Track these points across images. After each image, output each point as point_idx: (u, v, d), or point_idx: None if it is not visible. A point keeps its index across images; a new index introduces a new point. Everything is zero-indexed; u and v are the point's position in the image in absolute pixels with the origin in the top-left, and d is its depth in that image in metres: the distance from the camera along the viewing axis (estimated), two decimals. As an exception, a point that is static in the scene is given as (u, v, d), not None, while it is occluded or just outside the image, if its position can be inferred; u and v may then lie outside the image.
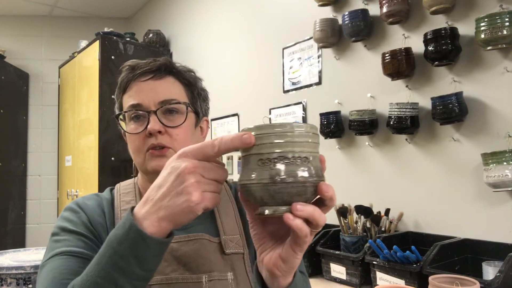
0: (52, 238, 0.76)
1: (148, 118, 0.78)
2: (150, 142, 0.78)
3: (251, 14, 2.64)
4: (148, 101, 0.79)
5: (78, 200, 0.82)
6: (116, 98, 0.86)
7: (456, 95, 1.47)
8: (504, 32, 1.33)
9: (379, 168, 1.82)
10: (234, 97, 2.75)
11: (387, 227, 1.65)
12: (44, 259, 0.72)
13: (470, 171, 1.50)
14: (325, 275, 1.63)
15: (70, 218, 0.77)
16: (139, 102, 0.79)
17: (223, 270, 0.76)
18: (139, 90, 0.80)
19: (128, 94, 0.82)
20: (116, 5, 4.08)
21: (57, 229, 0.76)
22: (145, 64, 0.82)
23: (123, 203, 0.81)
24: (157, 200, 0.51)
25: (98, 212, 0.79)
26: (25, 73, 4.08)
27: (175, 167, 0.50)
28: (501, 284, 1.12)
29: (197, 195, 0.49)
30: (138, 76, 0.81)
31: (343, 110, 1.95)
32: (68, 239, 0.73)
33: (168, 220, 0.51)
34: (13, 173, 3.84)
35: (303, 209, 0.48)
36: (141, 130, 0.78)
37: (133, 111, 0.80)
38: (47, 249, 0.75)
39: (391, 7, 1.66)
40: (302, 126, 0.50)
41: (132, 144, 0.81)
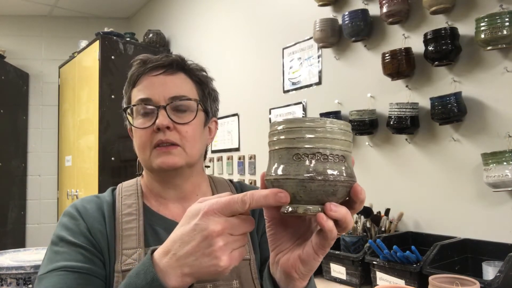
0: (51, 248, 0.74)
1: (157, 113, 0.76)
2: (157, 137, 0.76)
3: (251, 14, 2.64)
4: (158, 96, 0.77)
5: (78, 203, 0.78)
6: (124, 92, 0.84)
7: (455, 95, 1.47)
8: (504, 32, 1.33)
9: (379, 168, 1.82)
10: (234, 97, 2.75)
11: (387, 227, 1.65)
12: (42, 271, 0.71)
13: (470, 171, 1.50)
14: (325, 275, 1.63)
15: (69, 226, 0.75)
16: (148, 96, 0.77)
17: (229, 278, 0.75)
18: (150, 84, 0.79)
19: (137, 88, 0.80)
20: (116, 5, 4.08)
21: (56, 238, 0.74)
22: (157, 59, 0.81)
23: (124, 207, 0.79)
24: (182, 256, 0.49)
25: (97, 218, 0.76)
26: (25, 73, 4.08)
27: (201, 228, 0.47)
28: (501, 284, 1.12)
29: (225, 259, 0.47)
30: (149, 70, 0.79)
31: (343, 110, 1.95)
32: (66, 252, 0.71)
33: (192, 276, 0.49)
34: (13, 173, 3.84)
35: (336, 210, 0.45)
36: (149, 125, 0.76)
37: (142, 105, 0.78)
38: (46, 258, 0.74)
39: (391, 7, 1.66)
40: (339, 123, 0.47)
41: (139, 139, 0.78)
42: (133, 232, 0.75)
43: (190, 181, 0.82)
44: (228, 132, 2.78)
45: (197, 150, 0.81)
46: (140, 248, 0.74)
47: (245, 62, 2.67)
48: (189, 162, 0.79)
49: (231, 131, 2.74)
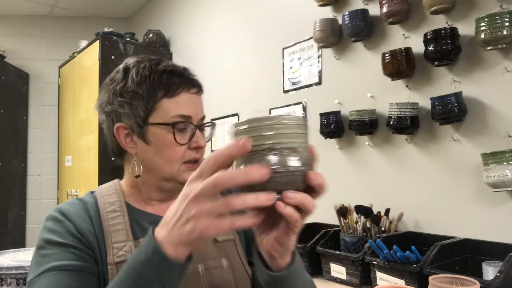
0: (38, 252, 0.72)
1: (194, 132, 0.80)
2: (192, 155, 0.80)
3: (251, 14, 2.64)
4: (196, 115, 0.81)
5: (60, 206, 0.78)
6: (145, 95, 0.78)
7: (456, 95, 1.47)
8: (504, 32, 1.33)
9: (379, 168, 1.82)
10: (234, 97, 2.75)
11: (387, 227, 1.65)
12: (33, 275, 0.70)
13: (470, 171, 1.50)
14: (325, 275, 1.63)
15: (55, 228, 0.74)
16: (191, 114, 0.80)
17: (217, 257, 0.78)
18: (190, 101, 0.80)
19: (176, 101, 0.79)
20: (116, 5, 4.08)
21: (42, 242, 0.73)
22: (186, 72, 0.82)
23: (107, 205, 0.80)
24: (171, 226, 0.51)
25: (83, 217, 0.76)
26: (25, 73, 4.08)
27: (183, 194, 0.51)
28: (501, 284, 1.12)
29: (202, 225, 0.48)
30: (190, 87, 0.81)
31: (343, 110, 1.95)
32: (56, 253, 0.71)
33: (182, 246, 0.51)
34: (13, 173, 3.84)
35: (293, 197, 0.49)
36: (186, 141, 0.79)
37: (186, 122, 0.79)
38: (33, 263, 0.72)
39: (391, 7, 1.66)
40: (290, 118, 0.51)
41: (171, 152, 0.78)
42: (120, 227, 0.76)
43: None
44: (228, 132, 2.78)
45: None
46: (129, 241, 0.75)
47: (245, 62, 2.67)
48: None
49: (231, 131, 2.74)
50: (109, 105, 0.81)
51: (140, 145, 0.80)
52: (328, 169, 2.02)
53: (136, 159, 0.81)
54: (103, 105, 0.82)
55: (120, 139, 0.81)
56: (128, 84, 0.80)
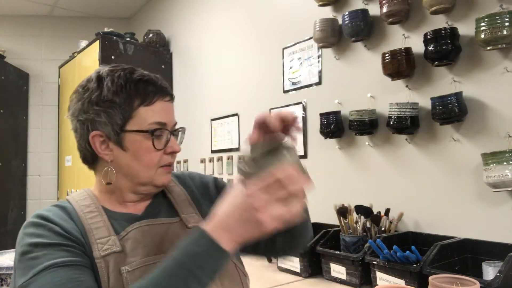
0: (24, 257, 0.70)
1: (169, 137, 0.84)
2: (167, 160, 0.85)
3: (251, 14, 2.64)
4: (170, 122, 0.85)
5: (38, 213, 0.78)
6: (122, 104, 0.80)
7: (456, 95, 1.47)
8: (504, 32, 1.33)
9: (379, 168, 1.82)
10: (234, 97, 2.75)
11: (387, 227, 1.65)
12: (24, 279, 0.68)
13: (470, 171, 1.50)
14: (325, 275, 1.63)
15: (39, 232, 0.73)
16: (165, 121, 0.83)
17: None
18: (165, 109, 0.84)
19: (152, 109, 0.82)
20: (116, 5, 4.08)
21: (27, 247, 0.71)
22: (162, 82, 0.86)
23: (83, 207, 0.81)
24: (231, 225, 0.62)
25: (64, 218, 0.77)
26: (25, 73, 4.08)
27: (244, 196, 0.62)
28: (501, 284, 1.12)
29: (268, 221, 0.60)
30: (164, 94, 0.85)
31: (343, 110, 1.95)
32: (48, 253, 0.70)
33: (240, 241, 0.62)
34: (13, 173, 3.84)
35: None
36: (162, 147, 0.83)
37: (162, 129, 0.83)
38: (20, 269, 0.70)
39: (391, 7, 1.66)
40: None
41: (148, 158, 0.82)
42: (100, 224, 0.79)
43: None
44: (228, 132, 2.78)
45: None
46: (112, 235, 0.78)
47: (245, 62, 2.67)
48: None
49: (231, 131, 2.74)
50: (84, 113, 0.82)
51: (117, 152, 0.82)
52: (328, 169, 2.02)
53: (110, 166, 0.83)
54: (76, 113, 0.83)
55: (95, 147, 0.82)
56: (104, 93, 0.81)
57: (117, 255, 0.76)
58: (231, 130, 2.74)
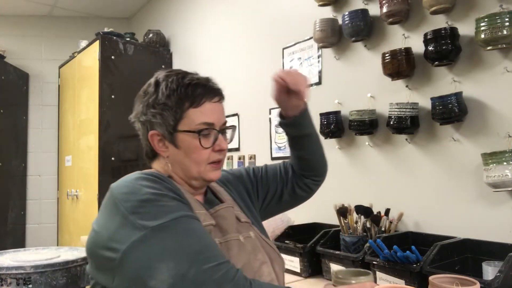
0: (151, 204, 0.74)
1: (217, 136, 0.92)
2: (216, 157, 0.93)
3: (251, 14, 2.64)
4: (218, 122, 0.93)
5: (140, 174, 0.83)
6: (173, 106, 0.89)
7: (456, 95, 1.47)
8: (504, 32, 1.33)
9: (379, 168, 1.82)
10: (234, 97, 2.74)
11: (387, 227, 1.65)
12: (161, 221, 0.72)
13: (470, 171, 1.50)
14: (325, 275, 1.63)
15: (158, 187, 0.79)
16: (213, 121, 0.91)
17: (246, 231, 0.98)
18: (213, 110, 0.92)
19: (200, 111, 0.90)
20: (116, 5, 4.08)
21: (152, 195, 0.76)
22: (213, 84, 0.94)
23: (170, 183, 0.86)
24: None
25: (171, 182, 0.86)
26: (25, 73, 4.08)
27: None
28: (501, 284, 1.12)
29: None
30: (213, 96, 0.92)
31: (343, 110, 1.95)
32: (178, 205, 0.78)
33: None
34: (13, 173, 3.84)
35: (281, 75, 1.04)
36: (210, 145, 0.91)
37: (210, 129, 0.90)
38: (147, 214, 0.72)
39: (391, 7, 1.66)
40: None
41: (198, 156, 0.90)
42: (193, 199, 0.90)
43: None
44: (228, 132, 2.78)
45: None
46: (204, 210, 0.90)
47: (245, 62, 2.67)
48: None
49: (231, 131, 2.74)
50: (144, 115, 0.92)
51: (171, 149, 0.91)
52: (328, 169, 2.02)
53: (167, 161, 0.93)
54: (138, 115, 0.93)
55: (154, 144, 0.92)
56: (159, 97, 0.90)
57: (212, 228, 0.88)
58: (231, 130, 2.74)
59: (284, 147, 2.31)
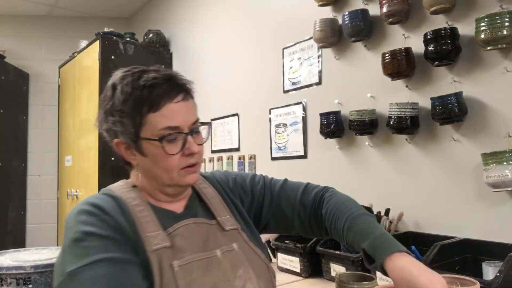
0: (77, 244, 0.72)
1: (186, 139, 0.83)
2: (188, 161, 0.84)
3: (251, 14, 2.64)
4: (184, 123, 0.83)
5: (91, 200, 0.79)
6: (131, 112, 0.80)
7: (456, 95, 1.47)
8: (504, 32, 1.33)
9: (379, 168, 1.82)
10: (234, 97, 2.75)
11: (387, 227, 1.65)
12: (75, 266, 0.69)
13: (470, 171, 1.50)
14: (325, 275, 1.63)
15: (92, 221, 0.74)
16: (177, 124, 0.82)
17: (228, 243, 0.88)
18: (177, 111, 0.82)
19: (161, 114, 0.80)
20: (116, 5, 4.08)
21: (80, 234, 0.72)
22: (175, 80, 0.84)
23: (130, 200, 0.83)
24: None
25: (116, 210, 0.79)
26: (25, 73, 4.08)
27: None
28: (501, 284, 1.12)
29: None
30: (173, 96, 0.82)
31: (343, 110, 1.95)
32: (101, 245, 0.72)
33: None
34: (13, 173, 3.84)
35: None
36: (178, 150, 0.82)
37: (174, 133, 0.81)
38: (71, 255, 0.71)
39: (391, 7, 1.66)
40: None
41: (167, 163, 0.82)
42: (148, 219, 0.81)
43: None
44: (228, 132, 2.78)
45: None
46: (159, 231, 0.81)
47: (245, 62, 2.67)
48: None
49: (231, 131, 2.74)
50: (105, 123, 0.85)
51: (139, 157, 0.85)
52: (328, 169, 2.02)
53: (137, 169, 0.88)
54: (101, 123, 0.87)
55: (121, 153, 0.87)
56: (115, 103, 0.82)
57: (167, 250, 0.79)
58: (231, 130, 2.74)
59: (284, 147, 2.31)
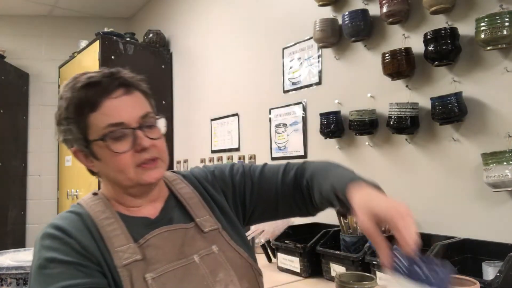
0: (40, 272, 0.71)
1: (134, 135, 0.78)
2: (142, 157, 0.79)
3: (251, 14, 2.64)
4: (130, 117, 0.78)
5: (55, 223, 0.77)
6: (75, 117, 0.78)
7: (456, 95, 1.47)
8: (504, 32, 1.33)
9: (379, 168, 1.82)
10: (234, 97, 2.75)
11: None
12: None
13: (470, 171, 1.50)
14: (325, 275, 1.63)
15: (55, 246, 0.72)
16: (121, 120, 0.77)
17: (207, 245, 0.85)
18: (118, 106, 0.78)
19: (101, 113, 0.77)
20: (116, 5, 4.08)
21: (44, 261, 0.71)
22: (106, 77, 0.80)
23: (98, 213, 0.80)
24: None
25: (82, 230, 0.76)
26: (25, 73, 4.08)
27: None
28: (501, 284, 1.12)
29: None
30: (111, 92, 0.78)
31: (343, 110, 1.95)
32: (63, 272, 0.70)
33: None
34: (13, 173, 3.84)
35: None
36: (128, 148, 0.78)
37: (119, 130, 0.77)
38: (36, 283, 0.70)
39: (391, 7, 1.66)
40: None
41: (118, 162, 0.78)
42: (118, 232, 0.78)
43: (158, 186, 0.88)
44: (228, 132, 2.78)
45: (168, 157, 0.87)
46: (131, 243, 0.77)
47: (245, 62, 2.67)
48: (165, 170, 0.86)
49: (231, 131, 2.74)
50: (59, 134, 0.83)
51: (96, 162, 0.82)
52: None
53: (100, 176, 0.85)
54: (58, 135, 0.84)
55: (81, 161, 0.84)
56: (61, 111, 0.80)
57: (139, 263, 0.76)
58: (231, 130, 2.74)
59: (284, 147, 2.31)
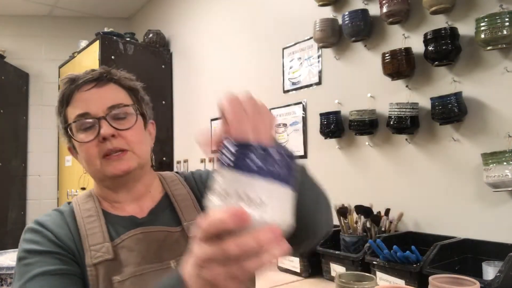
0: (20, 263, 0.74)
1: (98, 124, 0.80)
2: (105, 147, 0.79)
3: (251, 14, 2.64)
4: (96, 108, 0.81)
5: (37, 218, 0.81)
6: (58, 113, 0.86)
7: (456, 95, 1.47)
8: (504, 32, 1.33)
9: (379, 168, 1.82)
10: (234, 97, 2.74)
11: (387, 227, 1.65)
12: (18, 284, 0.71)
13: (470, 171, 1.50)
14: (325, 275, 1.63)
15: (34, 239, 0.76)
16: (86, 111, 0.81)
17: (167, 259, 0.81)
18: (84, 99, 0.82)
19: (72, 106, 0.83)
20: (116, 5, 4.08)
21: (23, 253, 0.75)
22: (85, 75, 0.85)
23: (84, 211, 0.83)
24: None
25: (60, 224, 0.80)
26: (25, 73, 4.07)
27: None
28: (501, 284, 1.12)
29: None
30: (81, 86, 0.83)
31: (343, 110, 1.95)
32: (39, 261, 0.73)
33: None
34: (13, 173, 3.84)
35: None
36: (92, 137, 0.80)
37: (82, 121, 0.80)
38: (16, 274, 0.74)
39: (391, 7, 1.66)
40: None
41: (85, 153, 0.81)
42: (96, 230, 0.79)
43: (141, 181, 0.87)
44: (228, 132, 2.77)
45: (146, 151, 0.86)
46: (106, 242, 0.78)
47: (245, 62, 2.67)
48: (140, 163, 0.84)
49: (231, 131, 2.74)
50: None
51: (78, 155, 0.86)
52: (328, 169, 2.02)
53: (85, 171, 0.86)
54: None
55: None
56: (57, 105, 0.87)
57: (109, 263, 0.76)
58: (231, 130, 2.74)
59: (284, 147, 2.31)
